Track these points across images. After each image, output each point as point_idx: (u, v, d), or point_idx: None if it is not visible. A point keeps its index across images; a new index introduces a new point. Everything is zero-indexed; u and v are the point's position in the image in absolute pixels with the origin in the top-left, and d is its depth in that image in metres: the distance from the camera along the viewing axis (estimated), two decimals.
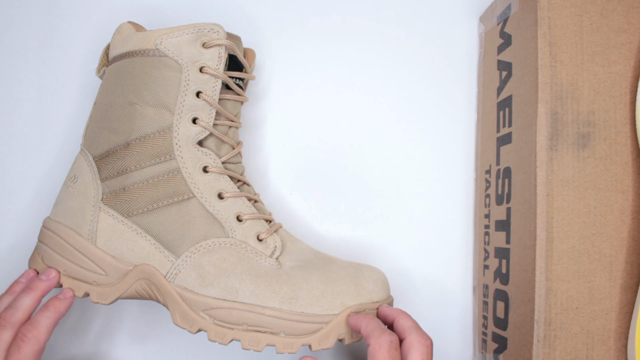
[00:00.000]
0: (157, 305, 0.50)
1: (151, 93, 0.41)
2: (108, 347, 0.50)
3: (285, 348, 0.39)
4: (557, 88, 0.40)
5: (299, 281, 0.40)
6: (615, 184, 0.40)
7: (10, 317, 0.39)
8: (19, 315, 0.39)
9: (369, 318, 0.38)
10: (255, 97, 0.52)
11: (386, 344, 0.35)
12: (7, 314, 0.39)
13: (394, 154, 0.52)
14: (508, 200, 0.44)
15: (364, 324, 0.38)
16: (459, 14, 0.53)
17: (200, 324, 0.40)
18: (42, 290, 0.41)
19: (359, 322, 0.38)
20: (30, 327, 0.39)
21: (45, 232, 0.43)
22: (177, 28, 0.42)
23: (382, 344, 0.35)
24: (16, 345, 0.38)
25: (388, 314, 0.40)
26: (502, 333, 0.44)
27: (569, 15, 0.41)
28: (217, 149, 0.43)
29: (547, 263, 0.39)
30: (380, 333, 0.36)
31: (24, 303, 0.40)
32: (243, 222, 0.42)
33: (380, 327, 0.37)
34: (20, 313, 0.40)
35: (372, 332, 0.36)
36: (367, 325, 0.37)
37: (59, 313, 0.41)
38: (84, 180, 0.43)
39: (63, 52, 0.52)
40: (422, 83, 0.53)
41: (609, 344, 0.39)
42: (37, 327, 0.39)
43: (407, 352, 0.36)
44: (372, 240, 0.51)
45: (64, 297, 0.41)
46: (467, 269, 0.51)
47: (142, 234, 0.41)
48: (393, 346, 0.36)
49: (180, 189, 0.41)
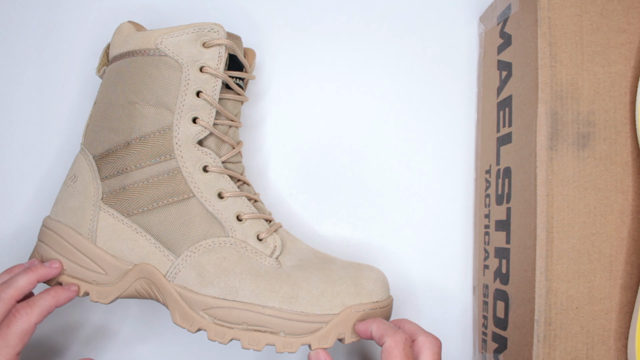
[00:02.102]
0: (156, 304, 0.50)
1: (151, 92, 0.42)
2: (108, 347, 0.50)
3: (284, 347, 0.39)
4: (557, 88, 0.40)
5: (299, 281, 0.40)
6: (615, 184, 0.40)
7: (2, 292, 0.39)
8: (10, 291, 0.39)
9: (378, 321, 0.39)
10: (255, 97, 0.52)
11: (402, 342, 0.36)
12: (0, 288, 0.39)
13: (394, 154, 0.52)
14: (508, 200, 0.44)
15: (374, 327, 0.38)
16: (459, 14, 0.53)
17: (200, 323, 0.40)
18: (39, 274, 0.40)
19: (368, 326, 0.39)
20: (25, 304, 0.39)
21: (45, 231, 0.43)
22: (177, 28, 0.42)
23: (397, 341, 0.36)
24: (7, 320, 0.38)
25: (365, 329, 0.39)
26: (502, 333, 0.44)
27: (569, 15, 0.41)
28: (217, 148, 0.43)
29: (547, 263, 0.39)
30: (394, 332, 0.37)
31: (19, 281, 0.39)
32: (243, 222, 0.42)
33: (393, 327, 0.37)
34: (12, 290, 0.39)
35: (385, 332, 0.37)
36: (378, 327, 0.38)
37: (58, 301, 0.40)
38: (84, 179, 0.43)
39: (63, 52, 0.52)
40: (422, 83, 0.53)
41: (609, 344, 0.39)
42: (31, 307, 0.39)
43: (419, 351, 0.37)
44: (372, 240, 0.51)
45: (68, 289, 0.41)
46: (467, 269, 0.51)
47: (142, 233, 0.41)
48: (408, 344, 0.36)
49: (180, 189, 0.41)
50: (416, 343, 0.37)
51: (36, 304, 0.39)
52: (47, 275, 0.41)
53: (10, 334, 0.38)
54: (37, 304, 0.39)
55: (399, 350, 0.36)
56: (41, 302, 0.39)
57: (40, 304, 0.39)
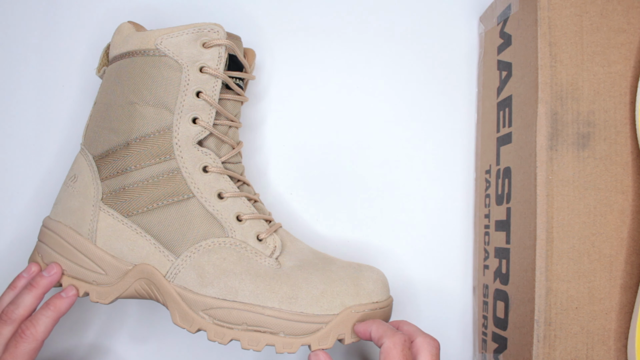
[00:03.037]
0: (156, 304, 0.50)
1: (151, 93, 0.41)
2: (108, 347, 0.50)
3: (284, 348, 0.39)
4: (557, 88, 0.40)
5: (299, 281, 0.40)
6: (615, 184, 0.40)
7: (12, 314, 0.40)
8: (20, 311, 0.41)
9: (378, 322, 0.39)
10: (255, 97, 0.52)
11: (400, 343, 0.36)
12: (9, 309, 0.41)
13: (393, 154, 0.52)
14: (508, 200, 0.44)
15: (374, 327, 0.38)
16: (459, 14, 0.53)
17: (200, 323, 0.40)
18: (43, 287, 0.42)
19: (368, 327, 0.39)
20: (29, 324, 0.40)
21: (45, 232, 0.43)
22: (177, 28, 0.42)
23: (396, 342, 0.36)
24: (14, 341, 0.40)
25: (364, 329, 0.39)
26: (502, 333, 0.44)
27: (569, 15, 0.41)
28: (217, 148, 0.43)
29: (547, 263, 0.39)
30: (393, 333, 0.37)
31: (26, 300, 0.41)
32: (243, 222, 0.42)
33: (392, 328, 0.38)
34: (21, 309, 0.41)
35: (384, 333, 0.37)
36: (378, 328, 0.38)
37: (59, 312, 0.41)
38: (84, 179, 0.43)
39: (63, 52, 0.52)
40: (422, 83, 0.53)
41: (609, 344, 0.39)
42: (35, 326, 0.40)
43: (417, 352, 0.37)
44: (371, 240, 0.51)
45: (66, 296, 0.42)
46: (467, 269, 0.51)
47: (142, 234, 0.41)
48: (406, 345, 0.37)
49: (180, 189, 0.41)
50: (414, 344, 0.38)
51: (40, 322, 0.40)
52: (50, 285, 0.42)
53: (19, 354, 0.39)
54: (40, 322, 0.40)
55: (398, 351, 0.36)
56: (44, 319, 0.40)
57: (43, 321, 0.40)
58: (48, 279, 0.42)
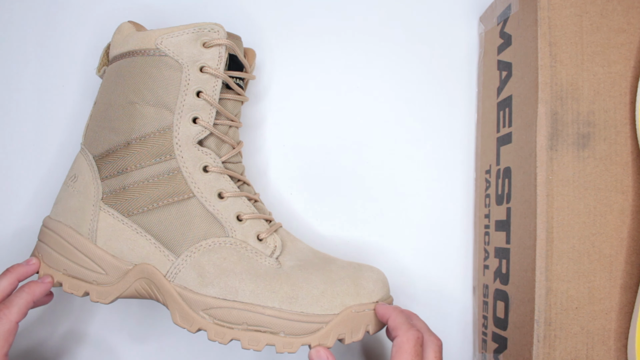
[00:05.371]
0: (157, 304, 0.50)
1: (151, 92, 0.42)
2: (108, 347, 0.50)
3: (285, 348, 0.39)
4: (557, 88, 0.40)
5: (299, 281, 0.40)
6: (615, 184, 0.40)
7: None
8: None
9: (397, 311, 0.40)
10: (255, 97, 0.52)
11: (413, 339, 0.37)
12: None
13: (394, 154, 0.52)
14: (508, 200, 0.44)
15: (393, 315, 0.39)
16: (459, 14, 0.53)
17: (200, 323, 0.40)
18: (18, 273, 0.42)
19: (388, 312, 0.40)
20: (2, 306, 0.40)
21: (45, 231, 0.43)
22: (177, 28, 0.42)
23: (410, 337, 0.37)
24: None
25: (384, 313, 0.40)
26: (502, 333, 0.44)
27: (569, 15, 0.41)
28: (218, 148, 0.43)
29: (547, 263, 0.39)
30: (408, 327, 0.38)
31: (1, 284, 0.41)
32: (243, 222, 0.42)
33: (408, 322, 0.39)
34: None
35: (400, 325, 0.38)
36: (395, 318, 0.39)
37: (33, 295, 0.41)
38: (84, 179, 0.43)
39: (63, 52, 0.52)
40: (422, 83, 0.53)
41: (609, 344, 0.39)
42: (9, 307, 0.40)
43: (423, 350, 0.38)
44: (372, 240, 0.51)
45: (42, 281, 0.42)
46: (467, 269, 0.51)
47: (142, 233, 0.41)
48: (419, 342, 0.38)
49: (180, 189, 0.41)
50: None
51: (13, 303, 0.40)
52: (26, 274, 0.42)
53: None
54: (13, 303, 0.40)
55: (410, 347, 0.37)
56: (17, 300, 0.41)
57: (16, 302, 0.40)
58: (25, 267, 0.42)
